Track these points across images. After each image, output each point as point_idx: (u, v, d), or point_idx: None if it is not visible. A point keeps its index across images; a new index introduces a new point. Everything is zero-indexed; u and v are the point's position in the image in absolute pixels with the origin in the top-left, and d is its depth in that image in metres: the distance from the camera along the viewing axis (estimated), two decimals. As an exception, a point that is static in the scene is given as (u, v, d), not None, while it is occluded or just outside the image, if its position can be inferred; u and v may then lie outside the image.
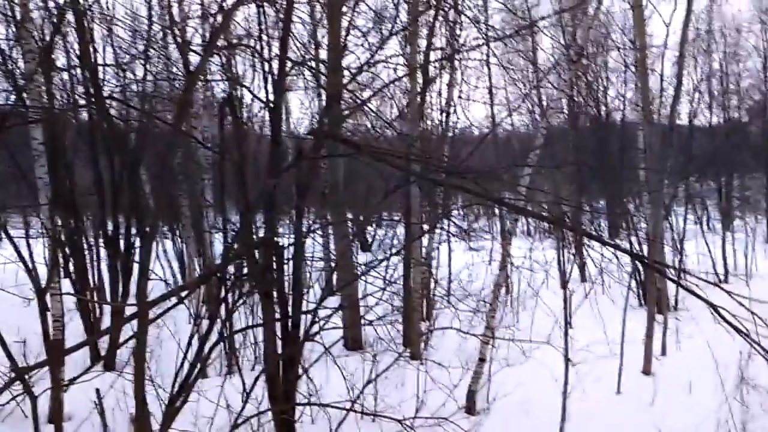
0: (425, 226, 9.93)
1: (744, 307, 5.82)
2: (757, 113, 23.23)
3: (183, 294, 5.70)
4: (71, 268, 9.23)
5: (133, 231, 9.68)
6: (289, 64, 5.84)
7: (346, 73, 6.72)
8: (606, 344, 8.55)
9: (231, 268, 5.29)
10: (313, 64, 9.18)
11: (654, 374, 8.64)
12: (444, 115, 12.12)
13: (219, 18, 6.25)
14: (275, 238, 5.31)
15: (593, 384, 7.65)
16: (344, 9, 7.88)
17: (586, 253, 12.91)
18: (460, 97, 11.93)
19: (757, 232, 18.70)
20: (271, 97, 5.43)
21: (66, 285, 8.60)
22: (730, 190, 21.15)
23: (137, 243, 9.59)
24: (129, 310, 5.49)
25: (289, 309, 5.17)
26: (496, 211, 16.17)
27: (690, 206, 17.62)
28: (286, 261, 5.20)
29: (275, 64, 5.39)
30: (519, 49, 14.82)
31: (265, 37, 6.38)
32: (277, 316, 5.15)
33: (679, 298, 11.88)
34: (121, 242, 9.63)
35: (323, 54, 9.67)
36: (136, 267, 9.12)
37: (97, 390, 4.47)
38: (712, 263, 15.27)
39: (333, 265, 9.92)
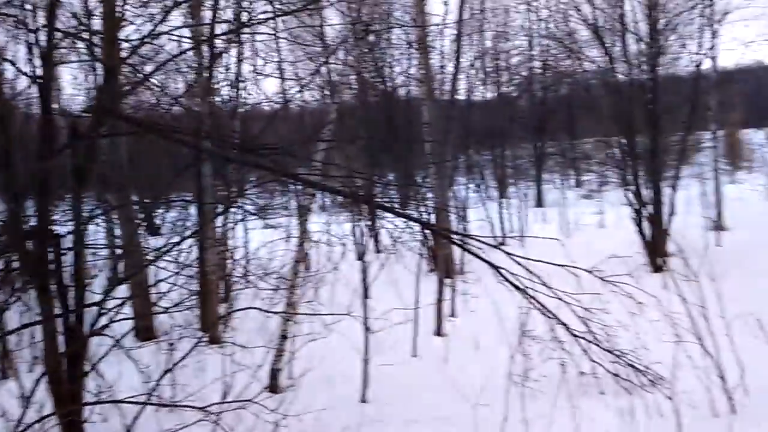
0: (219, 206, 9.61)
1: (521, 265, 6.38)
2: (525, 89, 25.51)
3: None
4: None
5: None
6: (58, 35, 5.27)
7: (126, 45, 6.21)
8: (402, 310, 8.93)
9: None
10: (87, 35, 8.37)
11: (446, 335, 9.22)
12: (234, 90, 11.78)
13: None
14: (50, 227, 4.81)
15: (391, 349, 7.98)
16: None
17: (380, 225, 13.39)
18: (249, 72, 11.65)
19: (528, 197, 20.65)
20: (39, 71, 4.88)
21: None
22: (504, 160, 23.07)
23: None
24: None
25: (71, 302, 4.72)
26: (292, 187, 16.14)
27: (471, 176, 18.97)
28: (64, 251, 4.74)
29: (42, 35, 4.84)
30: (308, 24, 14.79)
31: (29, 6, 5.70)
32: (59, 311, 4.68)
33: (465, 261, 12.72)
34: None
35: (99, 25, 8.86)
36: None
37: None
38: (492, 227, 16.59)
39: (119, 252, 9.26)
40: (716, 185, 16.68)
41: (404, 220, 8.17)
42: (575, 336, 6.35)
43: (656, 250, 12.77)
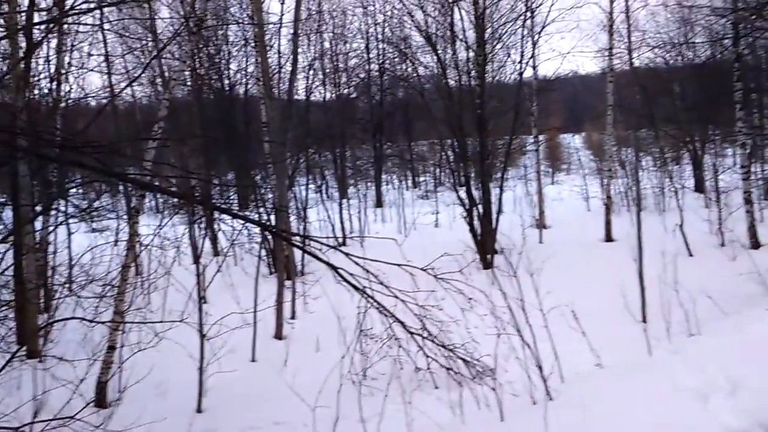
0: (38, 208, 8.83)
1: (359, 265, 6.45)
2: (363, 90, 25.99)
3: None
4: None
5: None
6: None
7: None
8: (240, 315, 8.71)
9: None
10: None
11: (286, 337, 9.12)
12: (54, 83, 10.90)
13: None
14: None
15: (229, 355, 7.75)
16: None
17: (217, 227, 12.99)
18: (71, 64, 10.84)
19: (368, 198, 21.00)
20: None
21: None
22: (344, 161, 23.36)
23: None
24: None
25: None
26: (121, 187, 15.22)
27: (311, 176, 18.99)
28: None
29: None
30: (136, 16, 14.06)
31: None
32: None
33: (306, 262, 12.69)
34: None
35: None
36: None
37: None
38: (332, 228, 16.70)
39: None
40: (538, 186, 17.94)
41: (242, 221, 7.97)
42: (411, 333, 6.52)
43: (485, 247, 13.49)
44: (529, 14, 15.49)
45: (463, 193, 13.85)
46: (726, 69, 15.74)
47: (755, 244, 12.88)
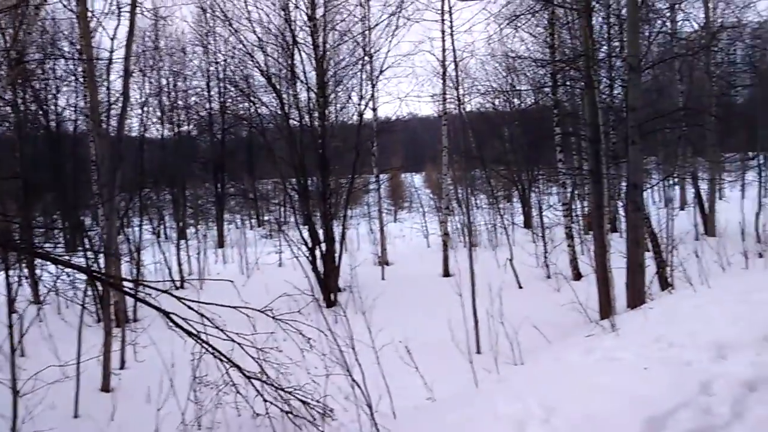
0: None
1: (193, 309, 6.18)
2: (204, 128, 25.39)
3: None
4: None
5: None
6: None
7: None
8: (61, 368, 7.99)
9: None
10: None
11: (113, 390, 8.48)
12: None
13: None
14: None
15: (48, 412, 7.08)
16: None
17: (39, 272, 11.94)
18: None
19: (208, 238, 20.32)
20: None
21: None
22: (184, 200, 22.51)
23: None
24: None
25: None
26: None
27: (146, 216, 18.07)
28: None
29: None
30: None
31: None
32: None
33: (138, 308, 11.98)
34: None
35: None
36: None
37: None
38: (169, 271, 15.94)
39: None
40: (380, 224, 18.33)
41: (64, 267, 7.36)
42: (249, 377, 6.32)
43: (329, 286, 13.50)
44: (367, 59, 16.00)
45: (306, 232, 13.81)
46: (547, 115, 17.15)
47: (577, 276, 13.94)
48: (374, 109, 17.26)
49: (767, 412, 3.69)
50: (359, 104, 15.40)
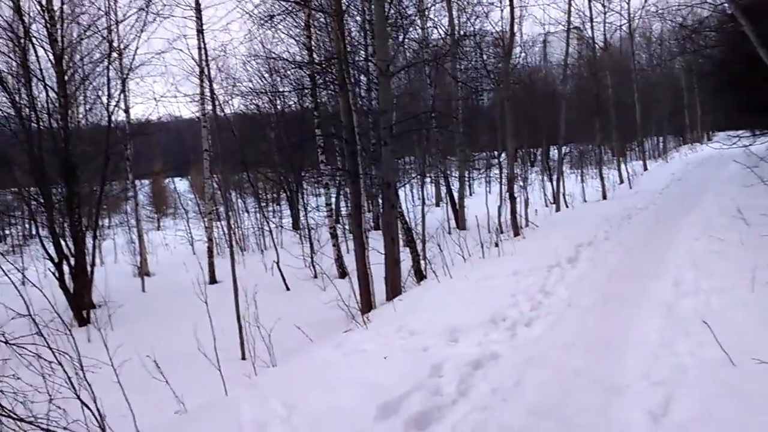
0: None
1: None
2: None
3: None
4: None
5: None
6: None
7: None
8: None
9: None
10: None
11: None
12: None
13: None
14: None
15: None
16: None
17: None
18: None
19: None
20: None
21: None
22: None
23: None
24: None
25: None
26: None
27: None
28: None
29: None
30: None
31: None
32: None
33: None
34: None
35: None
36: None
37: None
38: None
39: None
40: (139, 232, 17.33)
41: None
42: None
43: (81, 303, 12.42)
44: (116, 55, 14.97)
45: (51, 246, 12.53)
46: (309, 116, 17.42)
47: (342, 274, 14.34)
48: (126, 110, 16.24)
49: (489, 386, 4.07)
50: (108, 104, 14.34)
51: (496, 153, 24.65)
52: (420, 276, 11.39)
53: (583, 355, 4.69)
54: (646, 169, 32.13)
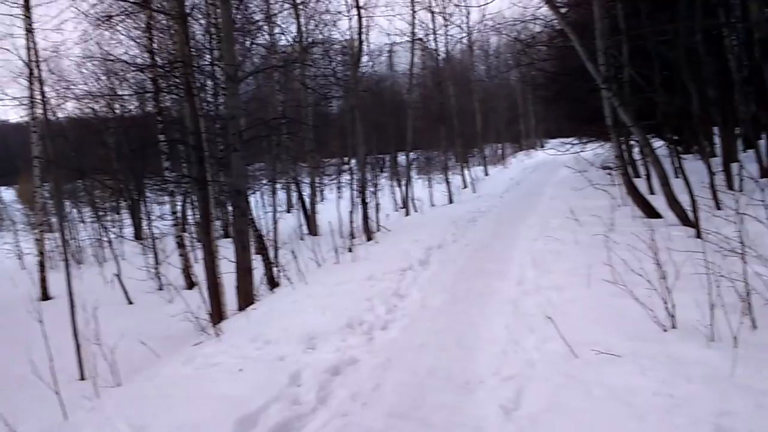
0: None
1: None
2: None
3: None
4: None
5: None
6: None
7: None
8: None
9: None
10: None
11: None
12: None
13: None
14: None
15: None
16: None
17: None
18: None
19: None
20: None
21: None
22: None
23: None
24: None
25: None
26: None
27: None
28: None
29: None
30: None
31: None
32: None
33: None
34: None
35: None
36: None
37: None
38: None
39: None
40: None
41: None
42: None
43: None
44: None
45: None
46: (152, 121, 16.57)
47: (190, 285, 13.78)
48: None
49: (348, 392, 4.04)
50: None
51: (346, 159, 24.86)
52: (273, 284, 11.20)
53: (437, 355, 4.80)
54: (487, 174, 33.86)
